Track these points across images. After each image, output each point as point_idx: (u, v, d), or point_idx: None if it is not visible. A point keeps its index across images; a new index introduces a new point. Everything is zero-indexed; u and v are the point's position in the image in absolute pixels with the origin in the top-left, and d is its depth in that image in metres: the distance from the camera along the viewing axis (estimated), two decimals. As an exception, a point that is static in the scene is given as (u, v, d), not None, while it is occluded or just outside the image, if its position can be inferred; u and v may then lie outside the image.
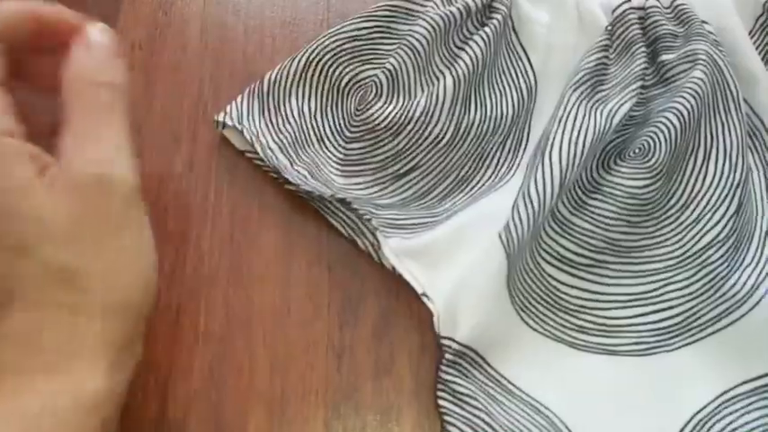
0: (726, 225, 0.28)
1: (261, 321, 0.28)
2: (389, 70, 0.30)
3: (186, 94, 0.26)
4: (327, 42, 0.31)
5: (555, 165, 0.27)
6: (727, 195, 0.28)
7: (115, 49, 0.24)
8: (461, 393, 0.26)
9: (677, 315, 0.28)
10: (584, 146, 0.27)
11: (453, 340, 0.26)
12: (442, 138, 0.30)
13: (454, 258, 0.28)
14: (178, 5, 0.33)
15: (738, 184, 0.28)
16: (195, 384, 0.27)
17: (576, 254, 0.28)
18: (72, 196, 0.21)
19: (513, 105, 0.31)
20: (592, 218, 0.28)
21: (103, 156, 0.22)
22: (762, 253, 0.28)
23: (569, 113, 0.28)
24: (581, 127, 0.28)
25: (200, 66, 0.32)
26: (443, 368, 0.26)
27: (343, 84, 0.31)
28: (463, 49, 0.30)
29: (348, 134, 0.31)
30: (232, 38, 0.33)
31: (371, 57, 0.31)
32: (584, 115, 0.28)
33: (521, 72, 0.32)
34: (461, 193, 0.30)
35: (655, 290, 0.28)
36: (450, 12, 0.30)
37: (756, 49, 0.31)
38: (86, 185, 0.21)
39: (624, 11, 0.31)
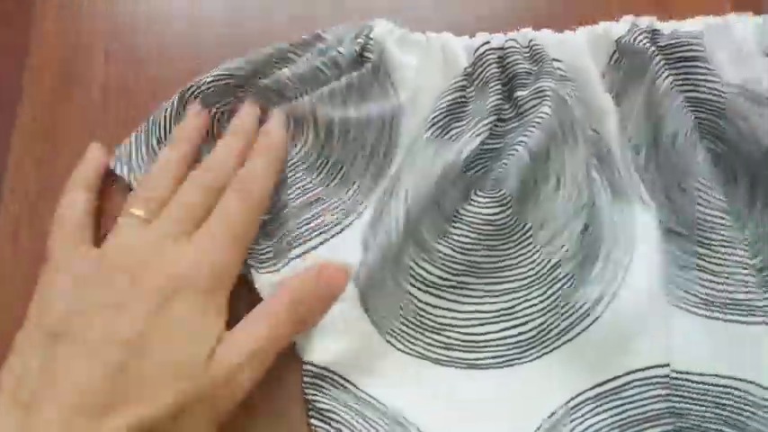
0: (573, 244, 0.30)
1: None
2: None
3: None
4: (205, 79, 0.33)
5: (401, 202, 0.30)
6: (574, 216, 0.31)
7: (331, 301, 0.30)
8: (324, 410, 0.28)
9: (533, 329, 0.30)
10: (432, 182, 0.30)
11: (311, 364, 0.29)
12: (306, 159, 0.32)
13: None
14: (77, 73, 0.36)
15: (584, 206, 0.31)
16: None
17: (439, 277, 0.30)
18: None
19: (375, 132, 0.33)
20: (453, 244, 0.30)
21: (245, 350, 0.26)
22: (605, 270, 0.30)
23: (419, 152, 0.31)
24: (430, 165, 0.30)
25: (105, 129, 0.34)
26: (304, 389, 0.29)
27: (210, 113, 0.33)
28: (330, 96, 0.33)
29: None
30: (136, 95, 0.35)
31: (243, 95, 0.33)
32: (434, 153, 0.30)
33: (388, 105, 0.33)
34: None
35: (513, 306, 0.30)
36: (317, 65, 0.33)
37: (610, 83, 0.34)
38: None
39: (483, 52, 0.33)
